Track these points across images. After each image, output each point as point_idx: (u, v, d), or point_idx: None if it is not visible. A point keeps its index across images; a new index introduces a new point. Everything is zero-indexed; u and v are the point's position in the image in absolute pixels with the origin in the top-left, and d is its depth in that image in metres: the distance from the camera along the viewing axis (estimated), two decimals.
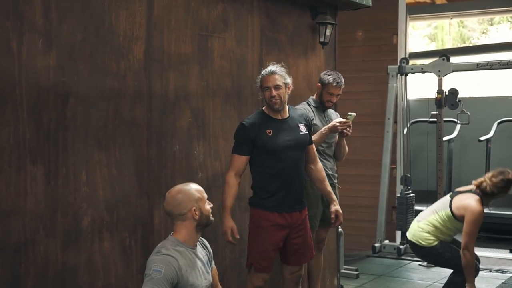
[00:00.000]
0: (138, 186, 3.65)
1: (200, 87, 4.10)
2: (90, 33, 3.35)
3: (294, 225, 3.91)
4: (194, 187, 3.28)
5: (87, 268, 3.32)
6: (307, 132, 4.03)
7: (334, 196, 4.14)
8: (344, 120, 4.50)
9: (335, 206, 4.09)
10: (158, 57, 3.77)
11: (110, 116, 3.47)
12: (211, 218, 3.31)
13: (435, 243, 4.69)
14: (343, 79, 4.69)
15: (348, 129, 4.49)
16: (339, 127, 4.48)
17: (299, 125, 3.99)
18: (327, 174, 4.71)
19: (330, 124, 4.53)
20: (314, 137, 4.47)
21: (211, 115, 4.19)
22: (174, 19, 3.88)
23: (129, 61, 3.58)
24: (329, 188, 4.15)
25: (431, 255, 4.79)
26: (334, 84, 4.63)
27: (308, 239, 4.04)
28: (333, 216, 4.08)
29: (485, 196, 4.61)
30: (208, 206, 3.28)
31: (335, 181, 4.83)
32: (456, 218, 4.63)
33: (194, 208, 3.21)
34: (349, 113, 4.49)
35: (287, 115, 3.96)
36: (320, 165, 4.17)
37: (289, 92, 3.94)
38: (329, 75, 4.65)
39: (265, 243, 3.84)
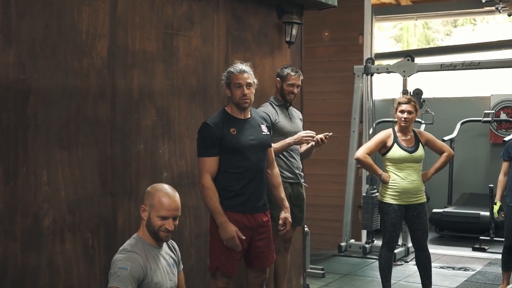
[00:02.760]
0: (102, 185, 3.59)
1: (165, 86, 4.05)
2: (51, 30, 3.28)
3: (257, 227, 3.89)
4: (163, 195, 3.13)
5: (48, 269, 3.25)
6: (268, 133, 4.02)
7: (286, 204, 4.10)
8: (311, 134, 4.48)
9: (285, 214, 4.05)
10: (122, 55, 3.72)
11: (73, 115, 3.40)
12: (160, 235, 3.14)
13: (385, 199, 5.05)
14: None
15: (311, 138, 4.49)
16: (303, 139, 4.48)
17: (261, 125, 3.98)
18: (295, 173, 4.71)
19: (295, 136, 4.53)
20: (277, 145, 4.46)
21: (176, 114, 4.15)
22: (138, 16, 3.83)
23: (92, 59, 3.52)
24: (283, 194, 4.11)
25: (379, 209, 5.22)
26: (293, 73, 4.66)
27: (271, 242, 4.02)
28: (281, 222, 4.04)
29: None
30: (159, 221, 3.11)
31: (302, 180, 4.84)
32: (381, 154, 5.13)
33: (143, 206, 3.14)
34: (326, 133, 4.49)
35: (249, 115, 3.95)
36: (276, 170, 4.14)
37: (253, 91, 3.93)
38: (286, 68, 4.71)
39: None
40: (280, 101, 4.71)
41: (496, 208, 5.50)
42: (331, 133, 4.50)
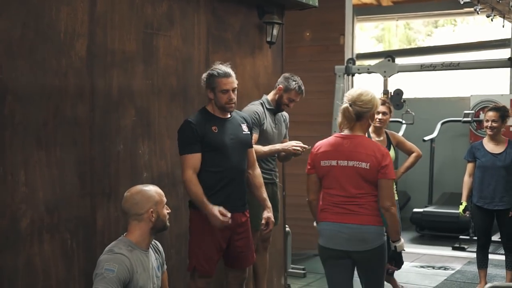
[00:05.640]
0: (80, 186, 3.56)
1: (145, 86, 4.03)
2: (29, 29, 3.24)
3: (236, 227, 3.88)
4: (154, 189, 3.30)
5: (26, 271, 3.21)
6: (249, 133, 4.03)
7: (269, 203, 4.11)
8: (301, 145, 4.50)
9: (268, 213, 4.05)
10: (101, 55, 3.69)
11: (51, 115, 3.37)
12: (167, 223, 3.32)
13: None
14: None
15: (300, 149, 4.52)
16: (291, 149, 4.51)
17: (242, 124, 3.99)
18: (271, 174, 4.71)
19: (285, 145, 4.56)
20: (265, 149, 4.47)
21: (156, 114, 4.13)
22: (117, 16, 3.80)
23: (71, 58, 3.49)
24: (265, 195, 4.12)
25: None
26: (299, 92, 4.67)
27: (250, 242, 4.02)
28: (263, 222, 4.04)
29: None
30: (165, 211, 3.29)
31: (277, 180, 4.85)
32: None
33: (151, 210, 3.20)
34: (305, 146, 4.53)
35: (229, 114, 3.95)
36: (258, 171, 4.14)
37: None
38: (294, 81, 4.64)
39: (208, 244, 3.80)
40: (271, 105, 4.70)
41: (461, 207, 5.59)
42: (310, 147, 4.53)
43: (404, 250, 3.72)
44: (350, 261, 3.57)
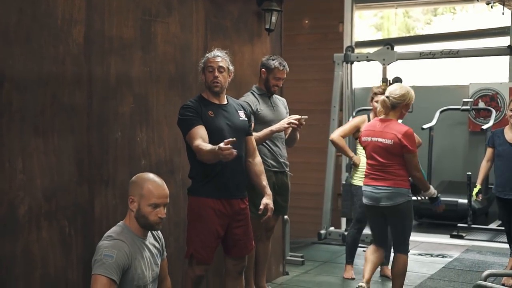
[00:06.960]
0: (78, 173, 3.54)
1: (143, 73, 4.01)
2: (25, 15, 3.21)
3: (234, 214, 3.88)
4: (155, 184, 3.15)
5: (24, 258, 3.21)
6: (246, 119, 4.01)
7: (268, 191, 4.07)
8: (295, 117, 4.43)
9: (267, 200, 4.02)
10: (98, 41, 3.66)
11: (48, 102, 3.35)
12: (155, 225, 3.15)
13: (355, 181, 5.61)
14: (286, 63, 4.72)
15: (297, 123, 4.43)
16: (286, 126, 4.45)
17: (238, 111, 3.98)
18: (279, 162, 4.71)
19: (278, 124, 4.51)
20: (259, 134, 4.45)
21: (154, 101, 4.11)
22: (115, 2, 3.77)
23: (68, 45, 3.46)
24: (265, 182, 4.08)
25: (350, 191, 5.82)
26: (281, 68, 4.65)
27: (249, 230, 4.01)
28: (261, 207, 3.98)
29: None
30: (150, 210, 3.11)
31: (287, 169, 4.84)
32: (355, 138, 5.61)
33: (132, 197, 3.14)
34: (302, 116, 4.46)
35: (226, 101, 3.95)
36: (259, 159, 4.12)
37: (229, 80, 3.92)
38: (273, 60, 4.67)
39: (206, 232, 3.79)
40: (262, 91, 4.70)
41: (475, 190, 5.58)
42: (306, 116, 4.48)
43: (434, 195, 4.74)
44: (383, 213, 4.61)
